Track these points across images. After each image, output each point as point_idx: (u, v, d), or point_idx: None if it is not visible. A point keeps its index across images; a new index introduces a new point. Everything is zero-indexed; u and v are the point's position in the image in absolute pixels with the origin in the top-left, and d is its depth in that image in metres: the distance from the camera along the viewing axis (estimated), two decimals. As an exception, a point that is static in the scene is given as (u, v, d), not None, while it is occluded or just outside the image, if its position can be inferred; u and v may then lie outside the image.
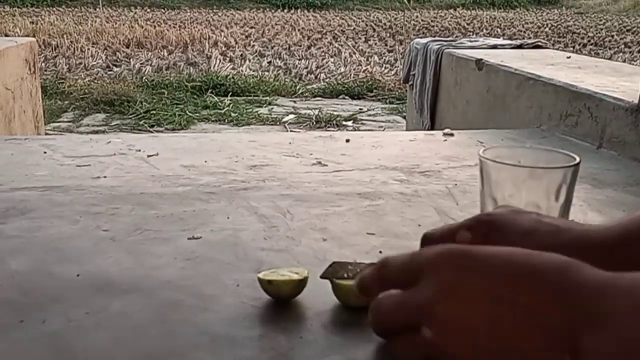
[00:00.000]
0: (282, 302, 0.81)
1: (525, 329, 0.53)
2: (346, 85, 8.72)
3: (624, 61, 10.35)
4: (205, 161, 1.57)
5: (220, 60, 10.65)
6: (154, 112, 7.04)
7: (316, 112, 7.07)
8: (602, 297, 0.50)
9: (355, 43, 13.48)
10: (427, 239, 0.73)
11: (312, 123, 6.68)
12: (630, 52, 12.92)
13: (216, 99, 7.85)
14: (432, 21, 18.59)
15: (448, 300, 0.57)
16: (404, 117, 5.59)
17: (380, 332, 0.64)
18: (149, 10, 22.11)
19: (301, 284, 0.80)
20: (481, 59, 2.70)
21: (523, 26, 17.48)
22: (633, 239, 0.64)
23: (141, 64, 10.31)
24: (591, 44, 14.04)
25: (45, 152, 1.63)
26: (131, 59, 10.85)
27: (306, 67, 10.25)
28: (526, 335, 0.53)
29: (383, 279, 0.64)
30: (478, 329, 0.55)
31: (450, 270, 0.58)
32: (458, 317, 0.56)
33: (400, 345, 0.62)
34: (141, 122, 6.70)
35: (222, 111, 7.21)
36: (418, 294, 0.59)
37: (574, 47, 13.33)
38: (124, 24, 15.62)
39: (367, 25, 17.40)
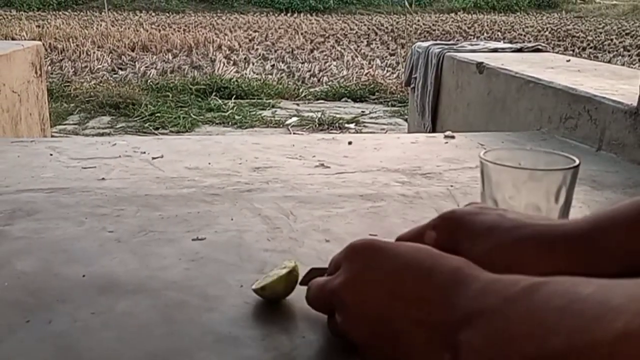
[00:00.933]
0: (284, 302, 0.81)
1: (412, 324, 0.57)
2: (348, 88, 8.72)
3: (623, 64, 10.34)
4: (209, 163, 1.57)
5: (224, 64, 10.65)
6: (158, 114, 7.05)
7: (319, 114, 7.07)
8: (480, 297, 0.52)
9: (358, 46, 13.48)
10: (399, 240, 0.75)
11: (315, 125, 6.68)
12: (629, 55, 12.91)
13: (220, 101, 7.86)
14: (433, 25, 18.59)
15: (351, 288, 0.63)
16: (406, 120, 5.59)
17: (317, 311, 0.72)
18: (153, 14, 22.13)
19: (290, 276, 0.80)
20: (482, 63, 2.70)
21: (523, 30, 17.47)
22: (598, 233, 0.63)
23: (146, 67, 10.32)
24: (590, 48, 14.03)
25: (51, 154, 1.63)
26: (136, 63, 10.86)
27: (309, 71, 10.25)
28: (412, 330, 0.57)
29: (327, 274, 0.72)
30: (373, 318, 0.60)
31: (358, 262, 0.64)
32: (357, 305, 0.62)
33: (329, 326, 0.71)
34: (146, 125, 6.70)
35: (226, 114, 7.21)
36: (332, 281, 0.66)
37: (573, 50, 13.33)
38: (129, 28, 15.64)
39: (369, 29, 17.40)
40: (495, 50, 3.41)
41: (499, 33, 16.46)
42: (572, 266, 0.59)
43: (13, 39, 12.17)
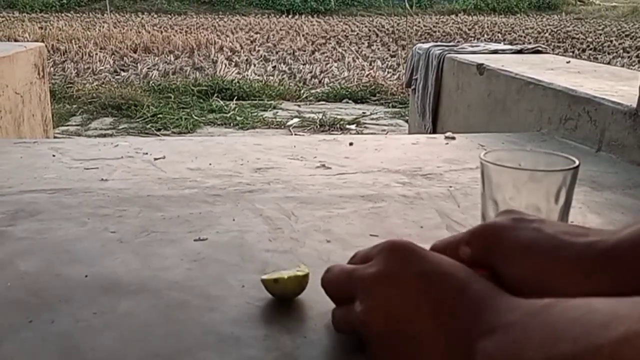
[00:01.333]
0: (286, 302, 0.81)
1: (436, 328, 0.58)
2: (349, 90, 8.71)
3: (623, 66, 10.33)
4: (211, 164, 1.57)
5: (225, 65, 10.65)
6: (160, 115, 7.04)
7: (320, 116, 7.06)
8: (505, 312, 0.54)
9: (359, 48, 13.48)
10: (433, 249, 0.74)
11: (316, 127, 6.68)
12: (628, 56, 12.91)
13: (222, 103, 7.85)
14: (434, 26, 18.58)
15: (384, 280, 0.64)
16: (407, 121, 5.58)
17: (329, 295, 0.72)
18: (155, 15, 22.13)
19: (304, 279, 0.81)
20: (482, 64, 2.70)
21: (523, 31, 17.46)
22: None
23: (148, 68, 10.32)
24: (590, 49, 14.02)
25: (53, 155, 1.64)
26: (138, 64, 10.85)
27: (310, 72, 10.24)
28: (434, 333, 0.58)
29: (353, 263, 0.73)
30: (397, 313, 0.61)
31: (395, 257, 0.65)
32: (386, 298, 0.63)
33: (336, 314, 0.71)
34: (148, 126, 6.70)
35: (228, 115, 7.20)
36: (364, 270, 0.66)
37: (573, 52, 13.32)
38: (131, 30, 15.63)
39: (370, 30, 17.40)
40: (495, 51, 3.40)
41: (499, 35, 16.45)
42: (613, 286, 0.59)
43: (16, 40, 12.17)
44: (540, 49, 3.50)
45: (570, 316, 0.46)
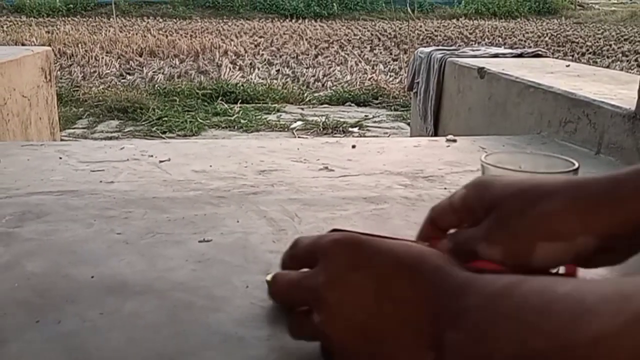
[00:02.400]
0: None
1: (400, 325, 0.55)
2: (352, 93, 8.71)
3: (622, 69, 10.32)
4: (214, 166, 1.57)
5: (230, 69, 10.66)
6: (166, 119, 7.05)
7: (323, 119, 7.07)
8: (463, 296, 0.52)
9: (361, 52, 13.48)
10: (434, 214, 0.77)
11: (319, 129, 6.68)
12: (627, 60, 12.90)
13: (226, 106, 7.86)
14: (435, 31, 18.58)
15: (337, 287, 0.59)
16: (408, 124, 5.59)
17: (279, 303, 0.71)
18: (161, 20, 22.14)
19: None
20: (483, 68, 2.70)
21: (524, 35, 17.46)
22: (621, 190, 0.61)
23: (153, 72, 10.32)
24: (590, 53, 14.01)
25: (60, 158, 1.64)
26: (144, 68, 10.86)
27: (313, 75, 10.25)
28: (399, 330, 0.55)
29: (292, 257, 0.69)
30: (359, 319, 0.57)
31: (343, 259, 0.60)
32: (343, 305, 0.58)
33: (294, 325, 0.66)
34: (153, 129, 6.70)
35: (232, 118, 7.21)
36: (312, 278, 0.62)
37: (573, 56, 13.31)
38: (137, 34, 15.64)
39: (372, 34, 17.40)
40: (496, 55, 3.40)
41: (499, 39, 16.44)
42: (607, 226, 0.59)
43: (23, 44, 12.19)
44: (540, 52, 3.50)
45: (535, 304, 0.46)
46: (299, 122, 7.04)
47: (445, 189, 1.41)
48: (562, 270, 0.70)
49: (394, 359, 0.56)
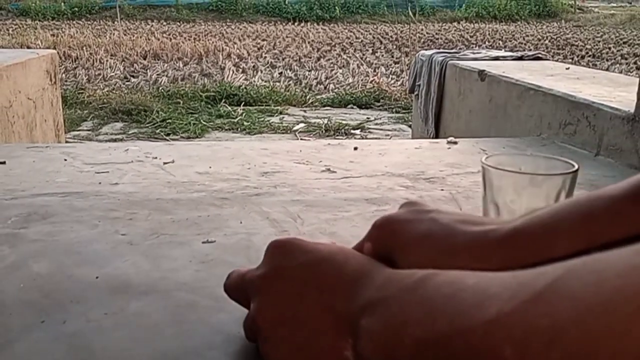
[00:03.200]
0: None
1: (321, 311, 0.59)
2: (354, 96, 8.70)
3: (621, 72, 10.30)
4: (216, 168, 1.57)
5: (233, 71, 10.65)
6: (169, 121, 7.04)
7: (325, 121, 7.06)
8: (381, 287, 0.55)
9: (363, 55, 13.47)
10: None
11: (322, 131, 6.67)
12: (626, 63, 12.87)
13: (229, 108, 7.85)
14: (436, 34, 18.56)
15: (268, 278, 0.65)
16: (410, 126, 5.58)
17: (233, 300, 0.73)
18: (165, 23, 22.13)
19: None
20: (484, 70, 2.70)
21: (524, 39, 17.43)
22: (521, 241, 0.61)
23: (157, 75, 10.32)
24: (589, 56, 13.99)
25: (65, 160, 1.64)
26: (148, 70, 10.85)
27: (316, 78, 10.23)
28: (320, 316, 0.59)
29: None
30: (284, 304, 0.62)
31: (277, 255, 0.66)
32: (271, 294, 0.64)
33: (245, 328, 0.69)
34: (157, 131, 6.70)
35: (235, 120, 7.20)
36: (253, 272, 0.68)
37: (572, 58, 13.29)
38: (141, 37, 15.63)
39: (374, 37, 17.38)
40: (496, 58, 3.41)
41: (500, 42, 16.42)
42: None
43: (28, 47, 12.19)
44: (540, 55, 3.50)
45: (445, 293, 0.48)
46: (302, 124, 7.03)
47: (443, 190, 1.41)
48: None
49: (315, 343, 0.58)
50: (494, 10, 26.53)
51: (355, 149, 1.80)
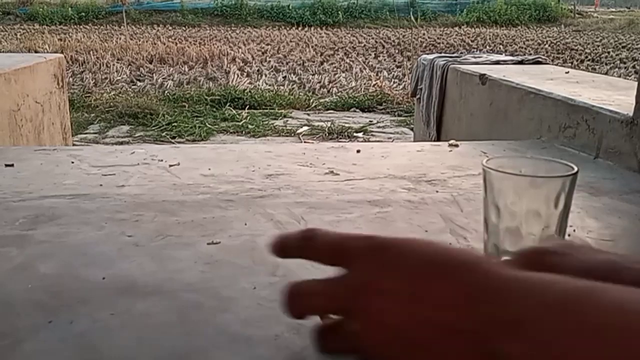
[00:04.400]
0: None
1: (441, 332, 0.50)
2: (357, 99, 8.70)
3: (620, 76, 10.31)
4: (221, 170, 1.57)
5: (238, 75, 10.66)
6: (175, 124, 7.06)
7: (329, 124, 7.07)
8: (513, 302, 0.47)
9: (366, 59, 13.47)
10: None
11: (325, 134, 6.68)
12: (625, 67, 12.87)
13: (234, 111, 7.86)
14: (438, 38, 18.56)
15: (373, 294, 0.54)
16: (412, 129, 5.58)
17: (295, 315, 0.60)
18: (170, 28, 22.17)
19: None
20: (484, 74, 2.69)
21: (524, 43, 17.43)
22: None
23: (163, 78, 10.34)
24: (588, 60, 13.99)
25: (72, 162, 1.64)
26: (154, 74, 10.87)
27: (319, 82, 10.24)
28: (442, 338, 0.50)
29: (305, 247, 0.64)
30: (398, 325, 0.52)
31: (376, 263, 0.55)
32: (380, 312, 0.53)
33: (323, 339, 0.60)
34: (163, 134, 6.71)
35: (240, 123, 7.21)
36: (345, 285, 0.57)
37: (572, 62, 13.29)
38: (147, 41, 15.66)
39: (376, 42, 17.39)
40: (497, 62, 3.40)
41: (500, 46, 16.43)
42: None
43: (36, 51, 12.22)
44: (540, 59, 3.50)
45: (606, 322, 0.41)
46: (305, 127, 7.04)
47: (445, 192, 1.41)
48: None
49: None
50: (494, 15, 26.56)
51: (358, 151, 1.80)
